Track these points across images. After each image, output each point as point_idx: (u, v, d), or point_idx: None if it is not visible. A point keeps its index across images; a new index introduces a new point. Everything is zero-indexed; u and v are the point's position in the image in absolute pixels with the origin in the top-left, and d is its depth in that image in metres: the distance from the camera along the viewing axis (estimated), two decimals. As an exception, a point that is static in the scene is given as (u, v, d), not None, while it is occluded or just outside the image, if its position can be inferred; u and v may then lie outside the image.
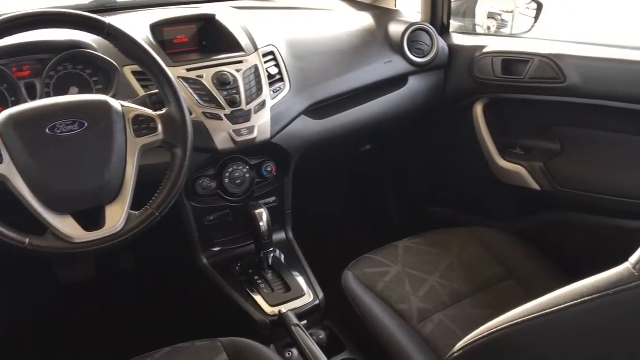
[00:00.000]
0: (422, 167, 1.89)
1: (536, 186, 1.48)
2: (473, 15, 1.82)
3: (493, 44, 1.54)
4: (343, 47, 1.50)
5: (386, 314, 1.20)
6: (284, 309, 1.22)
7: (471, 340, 0.82)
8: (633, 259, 0.63)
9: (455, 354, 0.86)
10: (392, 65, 1.53)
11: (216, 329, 1.15)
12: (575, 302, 0.67)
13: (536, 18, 1.71)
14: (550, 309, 0.71)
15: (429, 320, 1.19)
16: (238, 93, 1.23)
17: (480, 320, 0.81)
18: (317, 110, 1.41)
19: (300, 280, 1.33)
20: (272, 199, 1.42)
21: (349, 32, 1.54)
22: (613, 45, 1.36)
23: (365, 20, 1.62)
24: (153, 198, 0.99)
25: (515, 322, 0.75)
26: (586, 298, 0.66)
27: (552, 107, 1.44)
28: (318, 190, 1.96)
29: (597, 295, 0.65)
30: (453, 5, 1.69)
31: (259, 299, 1.27)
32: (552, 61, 1.37)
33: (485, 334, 0.80)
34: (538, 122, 1.51)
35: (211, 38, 1.36)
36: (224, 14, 1.38)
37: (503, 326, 0.77)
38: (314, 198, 1.93)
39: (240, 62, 1.27)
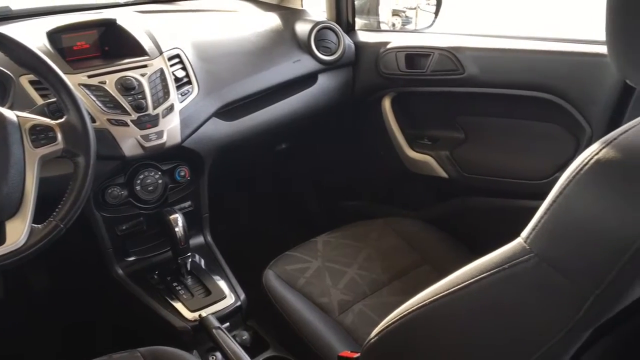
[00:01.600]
0: (337, 162, 1.93)
1: (444, 174, 1.55)
2: (377, 13, 1.87)
3: (396, 40, 1.59)
4: (251, 47, 1.51)
5: (308, 309, 1.21)
6: (204, 313, 1.21)
7: (385, 325, 0.85)
8: (524, 233, 0.67)
9: (372, 340, 0.88)
10: (301, 64, 1.55)
11: (138, 339, 1.12)
12: (476, 278, 0.71)
13: (436, 13, 1.78)
14: (454, 287, 0.74)
15: (349, 310, 1.22)
16: (144, 98, 1.20)
17: (397, 306, 0.84)
18: (229, 111, 1.40)
19: (221, 283, 1.32)
20: (188, 203, 1.40)
21: (256, 33, 1.55)
22: (506, 36, 1.44)
23: (272, 20, 1.63)
24: (57, 210, 0.95)
25: (424, 303, 0.78)
26: (485, 274, 0.70)
27: (454, 97, 1.51)
28: (237, 191, 1.95)
29: (495, 270, 0.69)
30: (357, 3, 1.73)
31: (178, 305, 1.25)
32: (451, 54, 1.44)
33: (397, 318, 0.83)
34: (443, 112, 1.58)
35: (113, 43, 1.32)
36: (126, 18, 1.35)
37: (413, 308, 0.80)
38: (233, 199, 1.92)
39: (145, 66, 1.24)
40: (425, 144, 1.61)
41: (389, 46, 1.58)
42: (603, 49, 1.19)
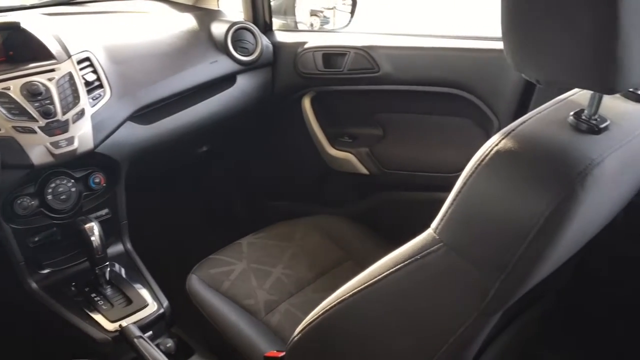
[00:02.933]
0: (261, 163, 1.92)
1: (365, 171, 1.58)
2: (294, 13, 1.88)
3: (313, 40, 1.60)
4: (166, 49, 1.47)
5: (233, 312, 1.20)
6: (124, 322, 1.17)
7: (307, 323, 0.86)
8: (434, 224, 0.70)
9: (295, 338, 0.89)
10: (218, 65, 1.53)
11: (58, 355, 1.08)
12: (391, 270, 0.74)
13: (352, 13, 1.81)
14: (371, 280, 0.76)
15: (276, 310, 1.22)
16: (52, 103, 1.15)
17: (321, 303, 0.85)
18: (144, 115, 1.37)
19: (143, 291, 1.29)
20: (105, 211, 1.36)
21: (170, 34, 1.52)
22: (418, 34, 1.49)
23: (187, 21, 1.60)
24: None
25: (343, 298, 0.80)
26: (399, 265, 0.73)
27: (371, 95, 1.54)
28: (159, 196, 1.91)
29: (409, 261, 0.71)
30: (273, 4, 1.74)
31: (97, 317, 1.20)
32: (366, 53, 1.47)
33: (318, 315, 0.84)
34: (361, 110, 1.61)
35: (18, 47, 1.26)
36: (31, 21, 1.29)
37: (333, 304, 0.81)
38: (155, 204, 1.87)
39: (52, 70, 1.19)
40: (346, 141, 1.64)
41: (306, 46, 1.59)
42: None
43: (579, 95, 0.73)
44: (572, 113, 0.66)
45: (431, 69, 1.39)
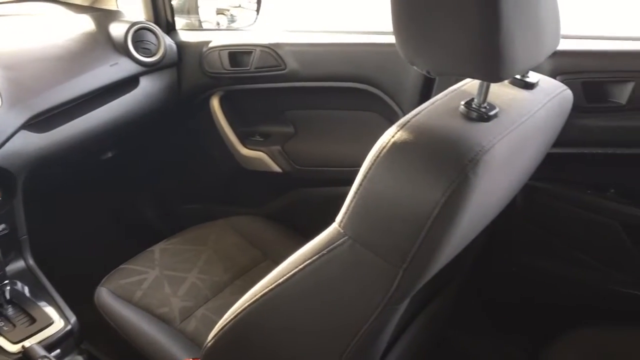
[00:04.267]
0: (172, 166, 1.87)
1: (278, 169, 1.57)
2: (197, 12, 1.84)
3: (218, 39, 1.57)
4: (61, 52, 1.40)
5: (147, 322, 1.16)
6: (28, 343, 1.10)
7: (221, 326, 0.84)
8: (338, 218, 0.70)
9: (210, 343, 0.87)
10: (119, 68, 1.47)
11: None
12: (299, 267, 0.73)
13: (257, 11, 1.80)
14: (281, 278, 0.76)
15: (192, 317, 1.19)
16: None
17: None
18: (41, 122, 1.29)
19: (48, 308, 1.22)
20: (1, 226, 1.27)
21: (67, 37, 1.44)
22: (324, 31, 1.50)
23: (84, 23, 1.52)
24: None
25: (255, 298, 0.79)
26: (308, 261, 0.73)
27: (280, 93, 1.53)
28: (64, 207, 1.81)
29: (316, 256, 0.72)
30: (175, 3, 1.69)
31: (-2, 339, 1.13)
32: (272, 50, 1.46)
33: (231, 318, 0.82)
34: (271, 108, 1.60)
35: None
36: None
37: (245, 305, 0.80)
38: (60, 216, 1.77)
39: None
40: (257, 140, 1.62)
41: (211, 45, 1.56)
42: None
43: (470, 85, 0.75)
44: (462, 102, 0.69)
45: (337, 65, 1.40)
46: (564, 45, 1.11)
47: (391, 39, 1.34)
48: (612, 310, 1.20)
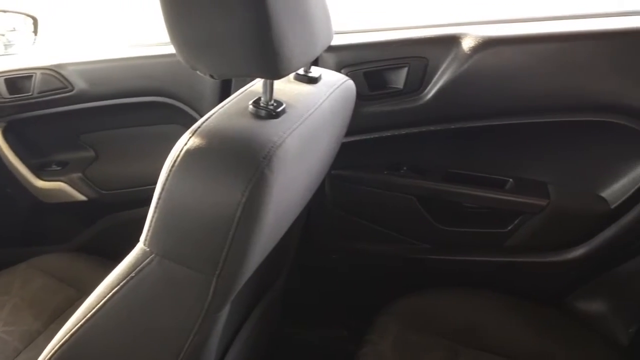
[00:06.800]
0: None
1: (82, 197, 1.47)
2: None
3: (-8, 66, 1.42)
4: None
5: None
6: None
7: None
8: (142, 236, 0.67)
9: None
10: None
11: None
12: (109, 295, 0.69)
13: (35, 32, 1.66)
14: (90, 312, 0.71)
15: None
16: None
17: None
18: None
19: None
20: None
21: None
22: (109, 46, 1.42)
23: None
24: None
25: (64, 340, 0.73)
26: (117, 288, 0.68)
27: (72, 116, 1.42)
28: None
29: (125, 281, 0.68)
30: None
31: None
32: (54, 72, 1.36)
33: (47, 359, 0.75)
34: (64, 134, 1.49)
35: None
36: None
37: (54, 349, 0.73)
38: None
39: None
40: (54, 170, 1.49)
41: None
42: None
43: (258, 85, 0.77)
44: (251, 102, 0.70)
45: (129, 80, 1.34)
46: (344, 39, 1.19)
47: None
48: (424, 277, 1.31)
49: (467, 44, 1.11)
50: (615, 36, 1.07)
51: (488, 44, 1.10)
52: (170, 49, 1.33)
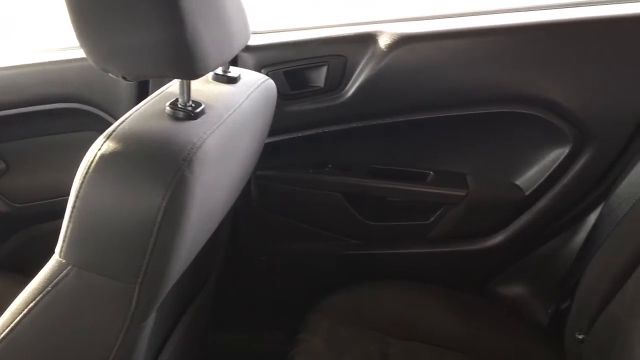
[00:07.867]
0: None
1: (-7, 211, 1.38)
2: None
3: None
4: None
5: None
6: None
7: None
8: (57, 248, 0.64)
9: None
10: None
11: None
12: (24, 312, 0.65)
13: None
14: (6, 329, 0.67)
15: None
16: None
17: None
18: None
19: None
20: None
21: None
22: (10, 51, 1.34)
23: None
24: None
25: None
26: (32, 303, 0.65)
27: None
28: None
29: (40, 296, 0.65)
30: None
31: None
32: None
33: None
34: None
35: None
36: None
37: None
38: None
39: None
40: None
41: None
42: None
43: (175, 86, 0.75)
44: (168, 103, 0.68)
45: (38, 87, 1.27)
46: (263, 39, 1.19)
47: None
48: (356, 273, 1.33)
49: (383, 42, 1.13)
50: (524, 30, 1.13)
51: (403, 41, 1.12)
52: (81, 53, 1.29)
